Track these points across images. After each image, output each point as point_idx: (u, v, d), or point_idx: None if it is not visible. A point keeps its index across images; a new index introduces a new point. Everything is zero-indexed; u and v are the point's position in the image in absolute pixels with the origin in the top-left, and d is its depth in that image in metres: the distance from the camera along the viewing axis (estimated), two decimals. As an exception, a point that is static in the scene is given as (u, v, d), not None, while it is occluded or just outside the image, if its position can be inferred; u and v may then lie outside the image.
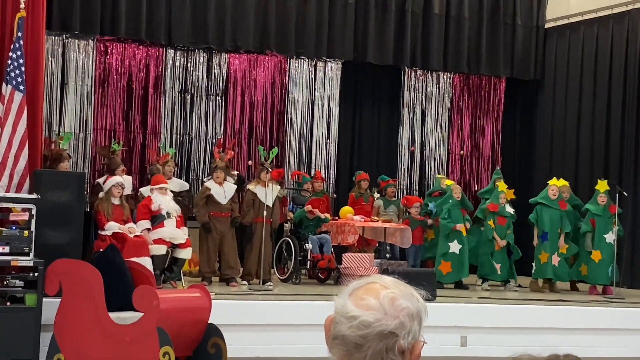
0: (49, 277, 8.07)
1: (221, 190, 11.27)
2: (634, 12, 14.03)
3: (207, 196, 11.25)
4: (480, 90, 15.83)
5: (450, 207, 12.30)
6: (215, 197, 11.22)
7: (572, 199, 12.83)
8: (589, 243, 12.34)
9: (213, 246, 11.17)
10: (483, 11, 15.28)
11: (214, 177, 11.36)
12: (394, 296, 1.82)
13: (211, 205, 11.23)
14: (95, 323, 7.77)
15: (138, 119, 13.79)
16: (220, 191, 11.26)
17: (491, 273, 12.35)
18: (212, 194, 11.23)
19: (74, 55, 13.33)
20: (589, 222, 12.36)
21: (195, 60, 14.05)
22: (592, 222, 12.34)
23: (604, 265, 12.14)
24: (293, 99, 14.64)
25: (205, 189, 11.35)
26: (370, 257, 11.96)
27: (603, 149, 14.37)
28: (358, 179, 13.49)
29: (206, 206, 11.23)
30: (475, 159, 15.83)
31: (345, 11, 14.44)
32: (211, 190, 11.25)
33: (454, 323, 9.81)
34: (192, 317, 8.06)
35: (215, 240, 11.17)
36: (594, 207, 12.35)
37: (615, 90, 14.27)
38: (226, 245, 11.19)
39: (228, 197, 11.28)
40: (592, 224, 12.34)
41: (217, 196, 11.22)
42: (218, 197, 11.22)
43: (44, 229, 8.87)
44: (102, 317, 7.74)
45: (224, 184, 11.32)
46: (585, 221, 12.43)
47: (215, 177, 11.31)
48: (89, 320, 7.80)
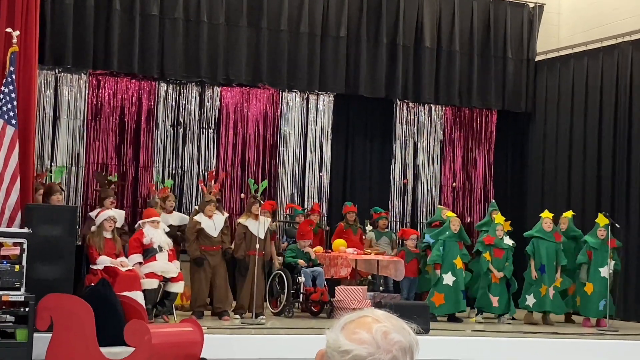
0: (40, 312, 8.02)
1: (211, 223, 11.25)
2: (623, 45, 14.14)
3: (197, 230, 11.22)
4: (472, 122, 15.89)
5: (446, 239, 12.28)
6: (206, 231, 11.19)
7: (570, 229, 12.81)
8: (583, 275, 12.34)
9: (205, 280, 11.12)
10: (474, 44, 15.39)
11: (205, 211, 11.31)
12: (387, 330, 1.82)
13: (202, 239, 11.21)
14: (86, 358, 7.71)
15: (130, 153, 13.79)
16: (210, 224, 11.24)
17: (487, 306, 12.33)
18: (202, 227, 11.21)
19: (66, 89, 13.36)
20: (585, 253, 12.36)
21: (188, 94, 14.09)
22: (589, 254, 12.34)
23: (596, 299, 12.14)
24: (285, 131, 14.68)
25: (196, 223, 11.29)
26: (364, 290, 11.92)
27: (595, 180, 14.41)
28: (344, 212, 13.50)
29: (197, 240, 11.21)
30: (467, 191, 15.86)
31: (337, 44, 14.52)
32: (202, 224, 11.23)
33: (448, 356, 9.75)
34: (184, 351, 8.00)
35: (207, 274, 11.13)
36: (593, 239, 12.35)
37: (605, 123, 14.34)
38: (218, 279, 11.15)
39: (218, 230, 11.27)
40: (589, 255, 12.34)
41: (207, 229, 11.20)
42: (209, 230, 11.20)
43: (35, 263, 8.83)
44: (93, 352, 7.68)
45: (214, 216, 11.30)
46: (582, 252, 12.44)
47: (208, 211, 11.27)
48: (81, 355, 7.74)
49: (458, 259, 12.20)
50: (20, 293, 8.44)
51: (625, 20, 14.25)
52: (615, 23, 14.42)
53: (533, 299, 12.33)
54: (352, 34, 14.62)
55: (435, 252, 12.20)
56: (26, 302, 8.36)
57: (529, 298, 12.40)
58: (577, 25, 15.51)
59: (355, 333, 1.82)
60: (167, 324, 9.92)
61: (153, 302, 10.20)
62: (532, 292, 12.35)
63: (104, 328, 7.90)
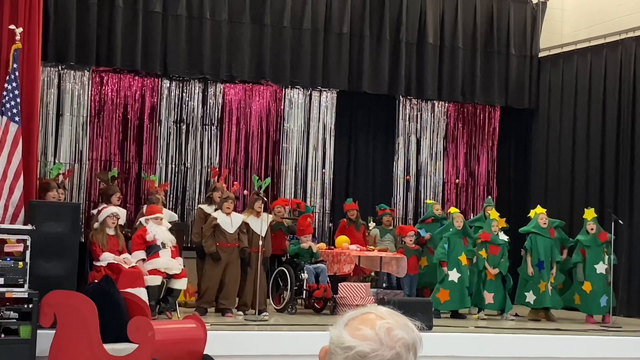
0: (43, 309, 8.03)
1: (228, 219, 11.19)
2: (627, 41, 14.11)
3: (214, 226, 11.15)
4: (475, 119, 15.88)
5: (450, 236, 12.26)
6: (222, 227, 11.13)
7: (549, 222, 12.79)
8: (580, 274, 12.35)
9: (216, 277, 11.07)
10: (477, 41, 15.37)
11: (223, 207, 11.23)
12: (390, 327, 1.82)
13: (217, 236, 11.16)
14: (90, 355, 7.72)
15: (133, 149, 13.80)
16: (227, 220, 11.18)
17: (481, 302, 12.32)
18: (219, 223, 11.14)
19: (69, 86, 13.36)
20: (579, 252, 12.37)
21: (191, 90, 14.09)
22: (583, 252, 12.35)
23: (596, 296, 12.14)
24: (288, 128, 14.68)
25: (212, 219, 11.22)
26: (367, 287, 11.92)
27: (598, 177, 14.40)
28: (345, 209, 13.49)
29: (213, 237, 11.15)
30: (470, 187, 15.85)
31: (340, 41, 14.51)
32: (218, 220, 11.16)
33: (451, 353, 9.75)
34: (188, 348, 8.01)
35: (219, 270, 11.07)
36: (584, 237, 12.38)
37: (609, 119, 14.32)
38: (229, 276, 11.08)
39: (235, 227, 11.20)
40: (583, 254, 12.34)
41: (224, 225, 11.12)
42: (225, 227, 11.12)
43: (39, 260, 8.83)
44: (96, 348, 7.69)
45: (232, 213, 11.26)
46: (575, 252, 12.46)
47: (226, 207, 11.19)
48: (84, 352, 7.75)
49: (463, 256, 12.17)
50: (23, 290, 8.44)
51: (629, 16, 14.23)
52: (619, 19, 14.40)
53: (533, 296, 12.31)
54: (355, 31, 14.61)
55: (440, 250, 12.18)
56: (30, 298, 8.37)
57: (528, 295, 12.38)
58: (580, 22, 15.48)
59: (358, 329, 1.82)
60: (170, 321, 9.92)
61: (156, 299, 10.20)
62: (531, 288, 12.33)
63: (107, 325, 7.90)
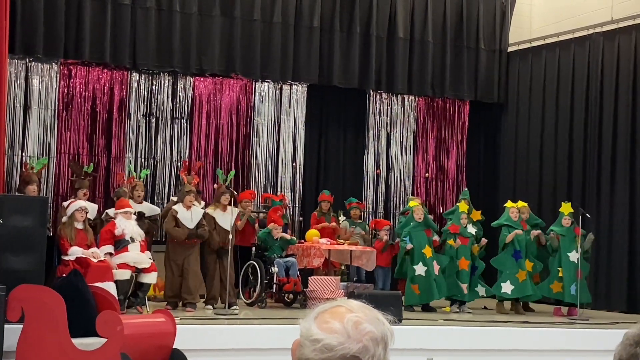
0: (11, 303, 7.95)
1: (188, 214, 11.10)
2: (595, 36, 14.24)
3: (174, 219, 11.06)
4: (445, 113, 15.95)
5: (411, 230, 12.27)
6: (181, 222, 11.07)
7: (532, 218, 12.92)
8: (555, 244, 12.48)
9: (177, 270, 11.01)
10: (447, 35, 15.44)
11: (185, 201, 11.15)
12: (358, 320, 1.82)
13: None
14: (58, 349, 7.67)
15: (102, 143, 13.70)
16: (187, 215, 11.08)
17: (458, 292, 12.37)
18: (178, 217, 11.07)
19: (37, 78, 13.24)
20: (555, 239, 12.47)
21: (160, 84, 14.02)
22: (557, 239, 12.46)
23: (566, 284, 12.23)
24: (259, 122, 14.65)
25: (173, 212, 11.13)
26: (337, 280, 11.94)
27: (566, 170, 14.53)
28: (320, 200, 13.52)
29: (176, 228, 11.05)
30: (440, 181, 15.93)
31: (310, 35, 14.50)
32: (178, 214, 11.09)
33: (420, 346, 9.79)
34: (157, 342, 7.98)
35: (179, 265, 11.00)
36: (559, 228, 12.46)
37: (577, 113, 14.45)
38: (188, 271, 11.02)
39: (195, 222, 11.11)
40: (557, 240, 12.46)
41: (183, 220, 11.05)
42: (185, 222, 11.05)
43: (6, 254, 8.75)
44: (65, 343, 7.64)
45: (192, 208, 11.18)
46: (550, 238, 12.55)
47: (187, 201, 11.11)
48: (52, 346, 7.69)
49: (427, 248, 12.14)
50: (-10, 284, 8.35)
51: (597, 12, 14.35)
52: (587, 14, 14.52)
53: (510, 286, 12.33)
54: (325, 24, 14.61)
55: (402, 245, 12.20)
56: (-3, 293, 8.29)
57: (504, 286, 12.35)
58: (549, 17, 15.59)
59: (327, 322, 1.82)
60: (139, 315, 9.88)
61: (125, 293, 10.14)
62: (509, 279, 12.36)
63: (75, 319, 7.85)
